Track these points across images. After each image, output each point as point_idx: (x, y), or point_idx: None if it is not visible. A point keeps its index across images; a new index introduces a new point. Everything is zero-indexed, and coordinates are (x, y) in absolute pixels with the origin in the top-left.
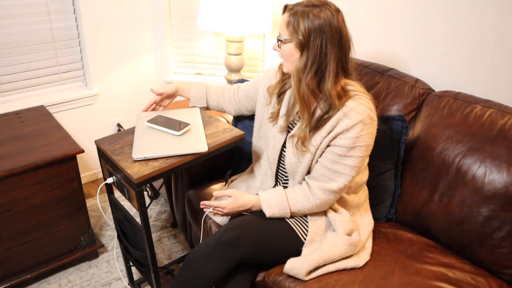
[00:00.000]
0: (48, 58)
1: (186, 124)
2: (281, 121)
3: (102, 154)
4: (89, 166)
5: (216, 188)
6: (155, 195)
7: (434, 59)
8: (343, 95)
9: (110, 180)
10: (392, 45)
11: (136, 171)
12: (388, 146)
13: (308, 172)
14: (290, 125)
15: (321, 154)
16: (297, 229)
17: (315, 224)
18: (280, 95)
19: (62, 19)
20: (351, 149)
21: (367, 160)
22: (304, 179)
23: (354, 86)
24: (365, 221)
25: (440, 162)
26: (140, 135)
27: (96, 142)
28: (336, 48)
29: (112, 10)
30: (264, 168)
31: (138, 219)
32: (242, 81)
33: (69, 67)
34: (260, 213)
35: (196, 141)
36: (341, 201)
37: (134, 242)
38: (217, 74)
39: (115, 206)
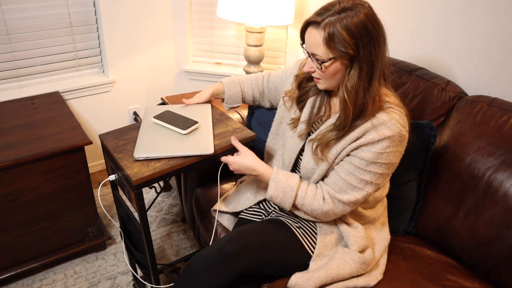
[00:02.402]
0: (65, 43)
1: (194, 122)
2: (302, 127)
3: (105, 150)
4: None
5: (226, 188)
6: (166, 188)
7: (469, 59)
8: (378, 104)
9: (112, 177)
10: (423, 42)
11: (135, 172)
12: (412, 155)
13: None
14: (310, 130)
15: (339, 162)
16: (305, 241)
17: (324, 238)
18: (301, 102)
19: (80, 3)
20: (370, 164)
21: (388, 177)
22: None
23: (389, 97)
24: (381, 236)
25: (469, 175)
26: (145, 132)
27: (100, 136)
28: (381, 47)
29: None
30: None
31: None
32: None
33: (86, 53)
34: (265, 222)
35: (202, 142)
36: (356, 215)
37: (136, 242)
38: (237, 64)
39: (119, 203)
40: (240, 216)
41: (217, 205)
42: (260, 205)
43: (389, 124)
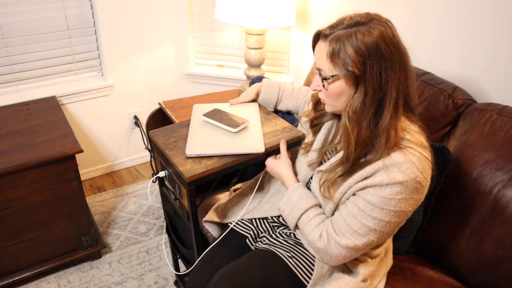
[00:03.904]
0: (63, 46)
1: (244, 121)
2: (313, 155)
3: (155, 147)
4: (105, 158)
5: (219, 198)
6: None
7: (478, 63)
8: (393, 140)
9: (162, 173)
10: (429, 46)
11: (188, 169)
12: None
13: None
14: (323, 158)
15: (345, 201)
16: (299, 272)
17: (322, 267)
18: (315, 125)
19: (76, 6)
20: (375, 209)
21: (400, 225)
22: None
23: (410, 134)
24: (383, 263)
25: (475, 190)
26: (195, 129)
27: (150, 133)
28: (397, 73)
29: None
30: (279, 183)
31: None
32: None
33: (84, 56)
34: (256, 256)
35: (253, 141)
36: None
37: (183, 238)
38: (240, 67)
39: (166, 199)
40: (232, 227)
41: (244, 211)
42: (253, 220)
43: (403, 167)
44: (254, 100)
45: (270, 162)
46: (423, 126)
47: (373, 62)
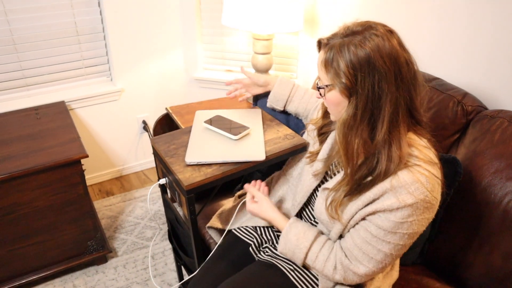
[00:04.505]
0: (72, 52)
1: (245, 128)
2: (318, 165)
3: (156, 154)
4: (114, 162)
5: (223, 203)
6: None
7: (490, 68)
8: (398, 157)
9: (162, 181)
10: (439, 49)
11: (187, 177)
12: None
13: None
14: (328, 171)
15: (355, 225)
16: (301, 285)
17: (327, 282)
18: (322, 134)
19: (86, 11)
20: (389, 234)
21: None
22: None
23: (418, 150)
24: (388, 276)
25: (484, 201)
26: (196, 136)
27: (152, 140)
28: (393, 86)
29: (139, 2)
30: (284, 192)
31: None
32: None
33: (94, 61)
34: (257, 270)
35: (253, 148)
36: None
37: (185, 245)
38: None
39: (168, 206)
40: (233, 231)
41: (245, 219)
42: (257, 228)
43: (412, 188)
44: (257, 105)
45: (251, 209)
46: (432, 140)
47: (365, 74)
